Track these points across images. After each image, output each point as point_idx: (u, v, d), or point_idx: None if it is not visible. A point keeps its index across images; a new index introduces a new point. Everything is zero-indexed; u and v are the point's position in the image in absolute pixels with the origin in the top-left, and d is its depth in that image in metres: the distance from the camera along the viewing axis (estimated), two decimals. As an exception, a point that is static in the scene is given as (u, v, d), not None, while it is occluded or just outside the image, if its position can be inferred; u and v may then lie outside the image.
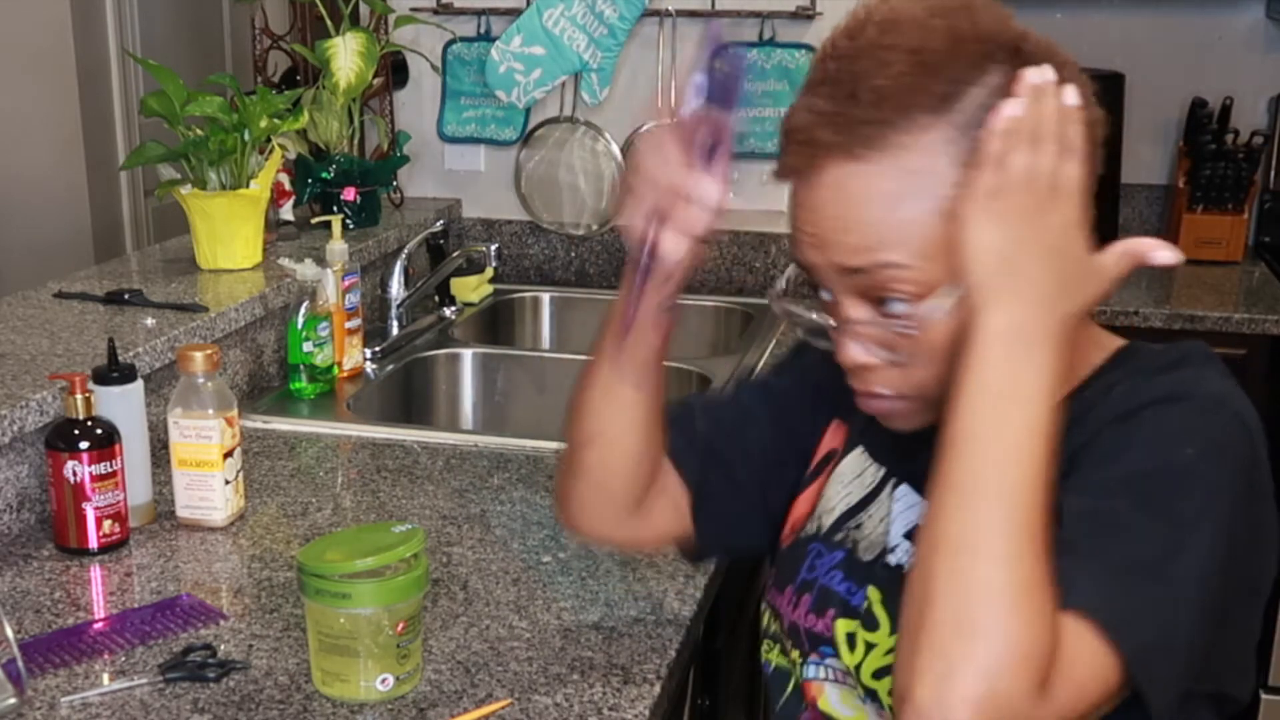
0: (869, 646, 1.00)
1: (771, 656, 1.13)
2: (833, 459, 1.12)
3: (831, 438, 1.13)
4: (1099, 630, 0.82)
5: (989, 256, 0.85)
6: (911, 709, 0.80)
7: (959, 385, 0.85)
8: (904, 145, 0.87)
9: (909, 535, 1.02)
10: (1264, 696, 2.55)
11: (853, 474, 1.09)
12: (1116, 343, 1.00)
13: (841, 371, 1.02)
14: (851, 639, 1.02)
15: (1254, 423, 0.91)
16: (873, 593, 1.01)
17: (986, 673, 0.78)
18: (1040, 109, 0.86)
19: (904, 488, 1.04)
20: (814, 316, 0.97)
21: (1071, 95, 0.87)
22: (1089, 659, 0.81)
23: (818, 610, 1.05)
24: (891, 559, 1.02)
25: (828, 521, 1.08)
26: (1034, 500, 0.82)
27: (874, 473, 1.07)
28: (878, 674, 0.99)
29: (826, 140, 0.89)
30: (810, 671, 1.06)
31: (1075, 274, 0.86)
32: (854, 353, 0.94)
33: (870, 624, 1.01)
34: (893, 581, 1.00)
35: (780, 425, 1.16)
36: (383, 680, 1.14)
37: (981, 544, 0.81)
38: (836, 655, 1.04)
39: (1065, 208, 0.86)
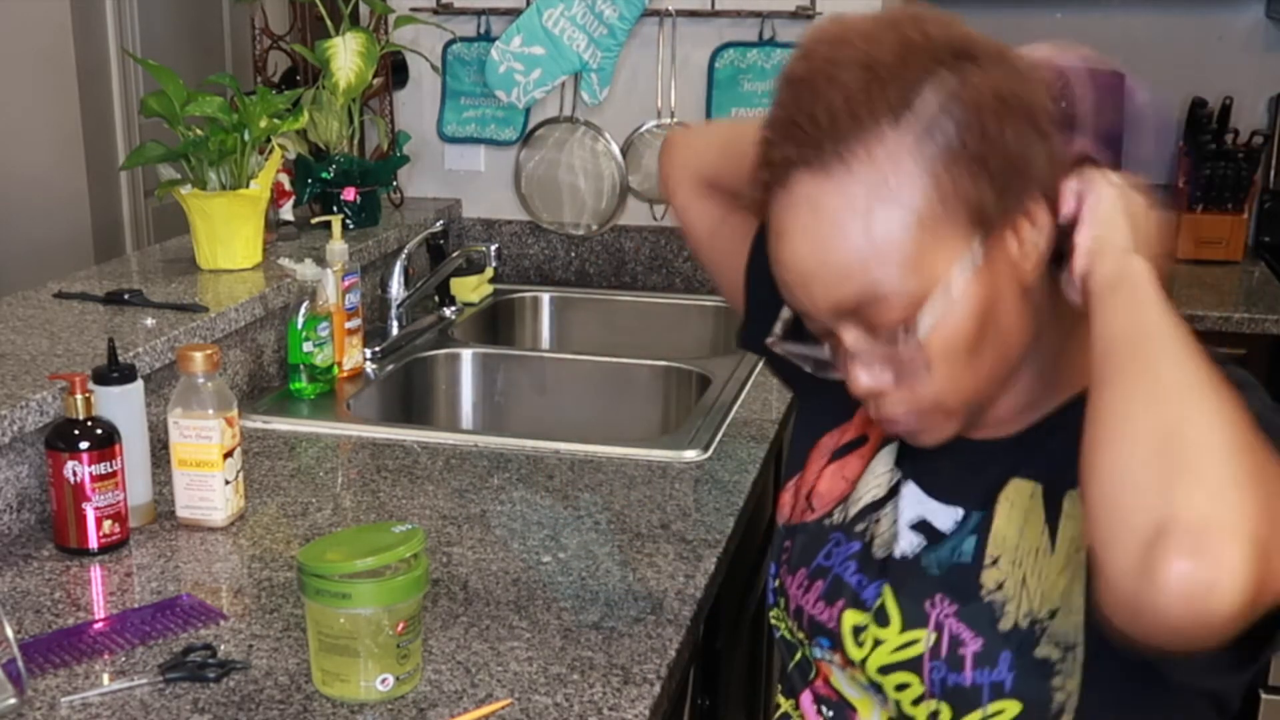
0: (876, 642, 1.00)
1: (780, 626, 1.14)
2: (859, 445, 1.11)
3: (863, 422, 1.12)
4: None
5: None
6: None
7: (1100, 350, 0.84)
8: (869, 157, 0.87)
9: (915, 527, 1.02)
10: (1264, 696, 2.55)
11: (883, 469, 1.09)
12: None
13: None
14: (858, 632, 1.02)
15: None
16: (886, 589, 1.02)
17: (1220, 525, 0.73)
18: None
19: (912, 485, 1.05)
20: (817, 353, 0.98)
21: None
22: None
23: (828, 599, 1.05)
24: (897, 551, 1.02)
25: (852, 511, 1.09)
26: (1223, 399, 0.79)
27: (890, 476, 1.08)
28: (884, 669, 1.00)
29: (793, 156, 0.89)
30: (817, 653, 1.07)
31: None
32: (864, 381, 0.94)
33: (881, 620, 1.01)
34: (903, 575, 1.01)
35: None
36: (383, 680, 1.14)
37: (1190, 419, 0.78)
38: (835, 648, 1.04)
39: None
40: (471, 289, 2.60)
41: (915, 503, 1.04)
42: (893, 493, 1.07)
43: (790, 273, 0.93)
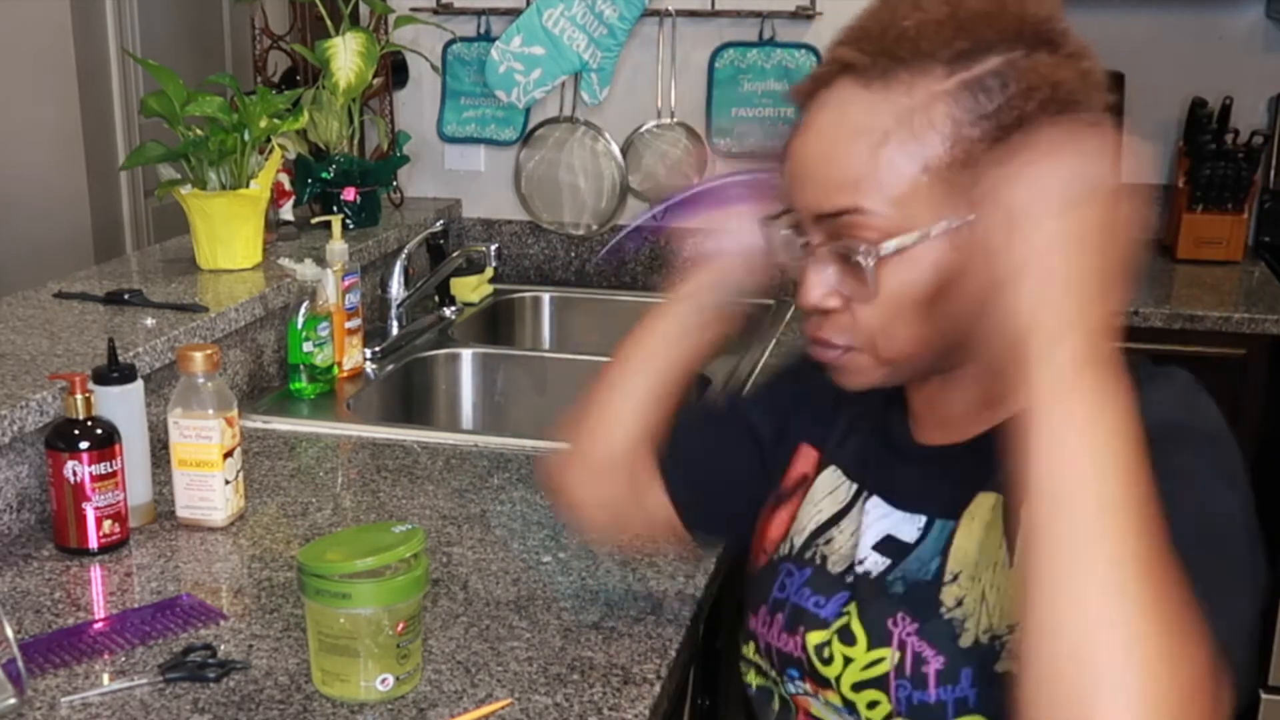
0: (846, 660, 1.00)
1: (750, 679, 1.13)
2: (805, 483, 1.12)
3: (803, 462, 1.13)
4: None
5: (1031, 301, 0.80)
6: None
7: (1031, 434, 0.78)
8: (910, 86, 0.89)
9: (877, 547, 1.02)
10: (1264, 696, 2.55)
11: (825, 491, 1.09)
12: None
13: (809, 397, 1.05)
14: (821, 650, 1.01)
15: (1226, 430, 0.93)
16: (850, 607, 1.01)
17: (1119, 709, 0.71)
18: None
19: (875, 499, 1.04)
20: (783, 239, 1.00)
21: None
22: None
23: (789, 628, 1.05)
24: (860, 569, 1.02)
25: (799, 541, 1.09)
26: (1142, 526, 0.75)
27: (847, 489, 1.08)
28: (856, 686, 0.99)
29: (847, 59, 0.92)
30: (790, 688, 1.06)
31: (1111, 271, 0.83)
32: (815, 293, 0.95)
33: (847, 638, 1.00)
34: (866, 591, 1.00)
35: (750, 438, 1.19)
36: (383, 680, 1.14)
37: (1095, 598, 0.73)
38: (804, 676, 1.03)
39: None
40: (471, 289, 2.60)
41: (879, 517, 1.03)
42: (848, 507, 1.06)
43: (795, 165, 0.95)
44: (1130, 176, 0.88)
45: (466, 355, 2.36)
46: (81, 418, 1.43)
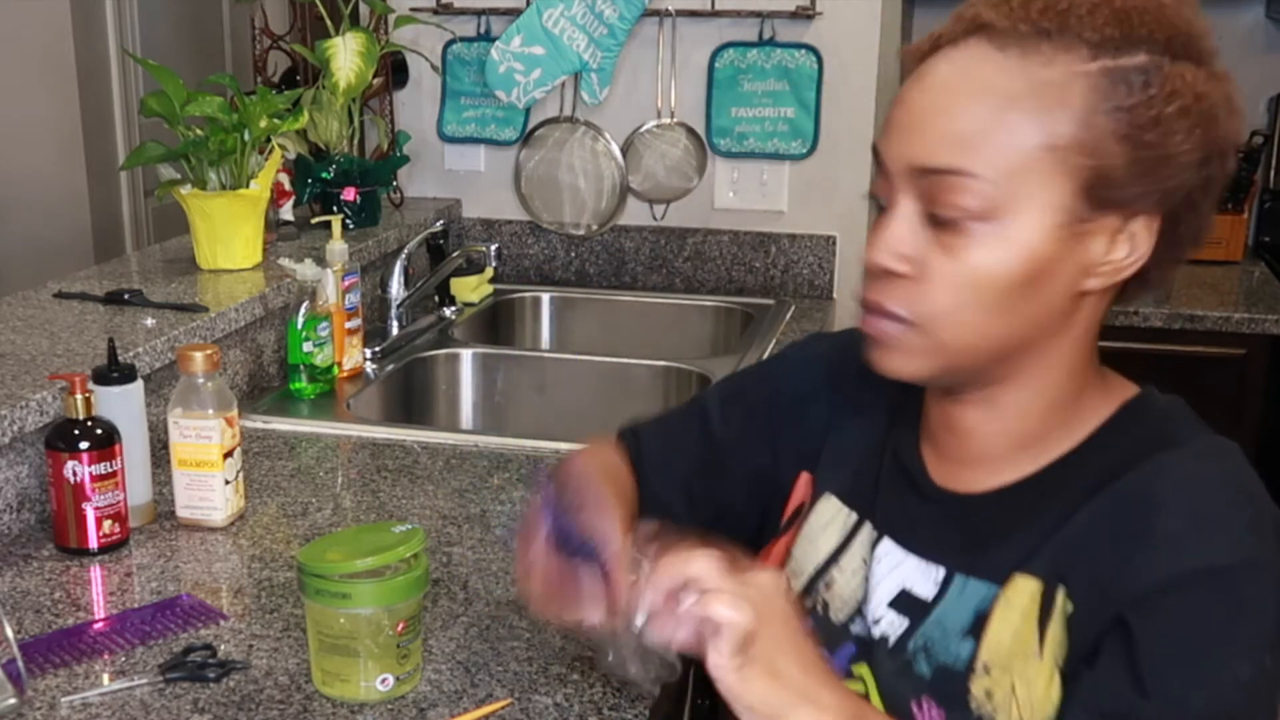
0: None
1: None
2: (800, 514, 1.08)
3: (801, 491, 1.09)
4: None
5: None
6: None
7: None
8: (1050, 60, 0.85)
9: (894, 604, 0.97)
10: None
11: (822, 524, 1.05)
12: (1125, 391, 0.96)
13: (806, 418, 1.01)
14: None
15: (1269, 506, 0.88)
16: (861, 670, 0.98)
17: None
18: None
19: (886, 544, 0.99)
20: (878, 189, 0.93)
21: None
22: None
23: None
24: (876, 630, 0.98)
25: (797, 585, 1.04)
26: None
27: (845, 518, 1.03)
28: None
29: (985, 19, 0.87)
30: None
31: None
32: (884, 254, 0.88)
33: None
34: (884, 658, 0.97)
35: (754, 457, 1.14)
36: (383, 680, 1.14)
37: None
38: None
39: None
40: (471, 289, 2.60)
41: (892, 567, 0.98)
42: (848, 539, 1.02)
43: (904, 114, 0.89)
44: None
45: (466, 355, 2.36)
46: (81, 418, 1.43)
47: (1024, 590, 0.90)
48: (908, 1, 2.93)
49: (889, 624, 0.97)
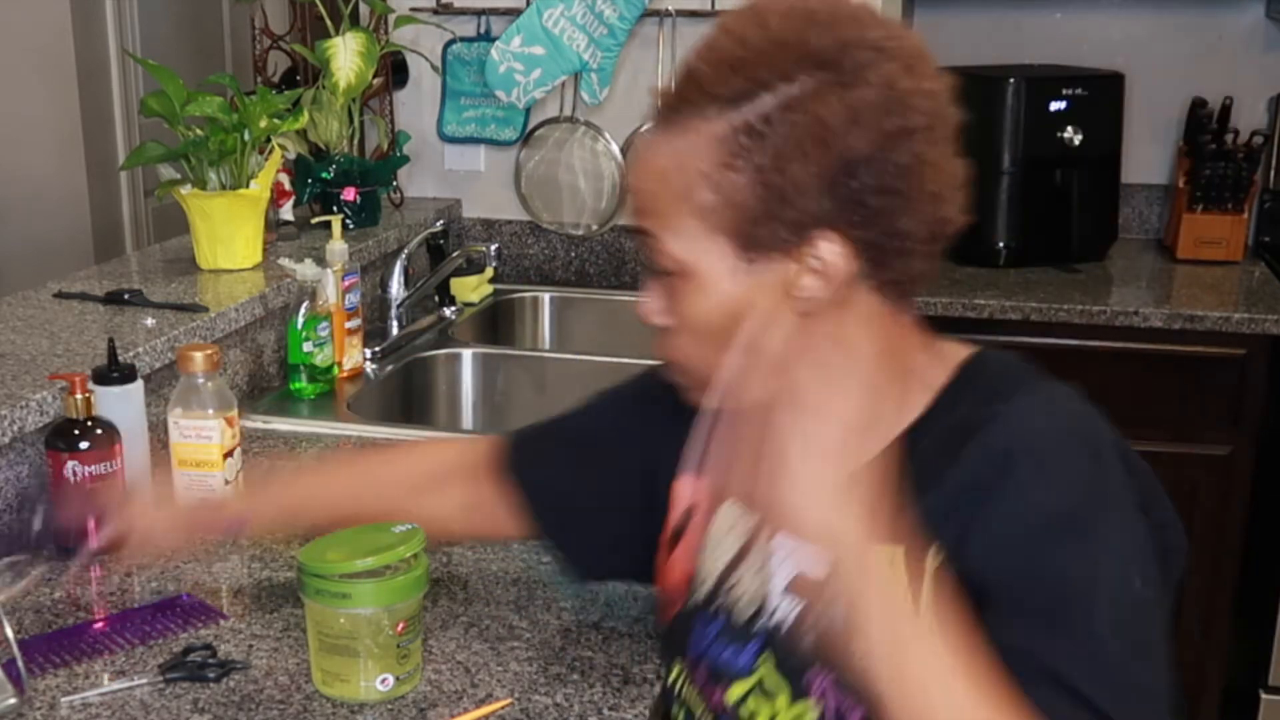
0: (771, 716, 0.99)
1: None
2: (693, 514, 1.10)
3: (685, 496, 1.11)
4: None
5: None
6: None
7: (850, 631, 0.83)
8: (687, 129, 0.92)
9: (790, 588, 0.99)
10: (1264, 696, 2.55)
11: (726, 527, 1.07)
12: (959, 355, 0.99)
13: (686, 422, 1.02)
14: (742, 705, 1.00)
15: (1108, 436, 0.92)
16: (765, 659, 0.99)
17: None
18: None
19: (780, 536, 1.00)
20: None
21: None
22: None
23: (712, 682, 1.04)
24: (775, 618, 1.00)
25: (703, 591, 1.07)
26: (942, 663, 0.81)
27: (746, 521, 1.05)
28: None
29: (662, 103, 0.96)
30: None
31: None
32: (644, 307, 1.01)
33: (766, 692, 0.99)
34: (781, 641, 0.99)
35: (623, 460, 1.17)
36: (383, 680, 1.14)
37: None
38: None
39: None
40: (471, 289, 2.60)
41: (788, 554, 0.99)
42: (750, 542, 1.03)
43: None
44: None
45: (466, 355, 2.36)
46: (81, 418, 1.43)
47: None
48: (908, 1, 2.93)
49: (784, 610, 1.00)
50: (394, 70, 2.75)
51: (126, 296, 1.89)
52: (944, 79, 0.94)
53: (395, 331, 2.31)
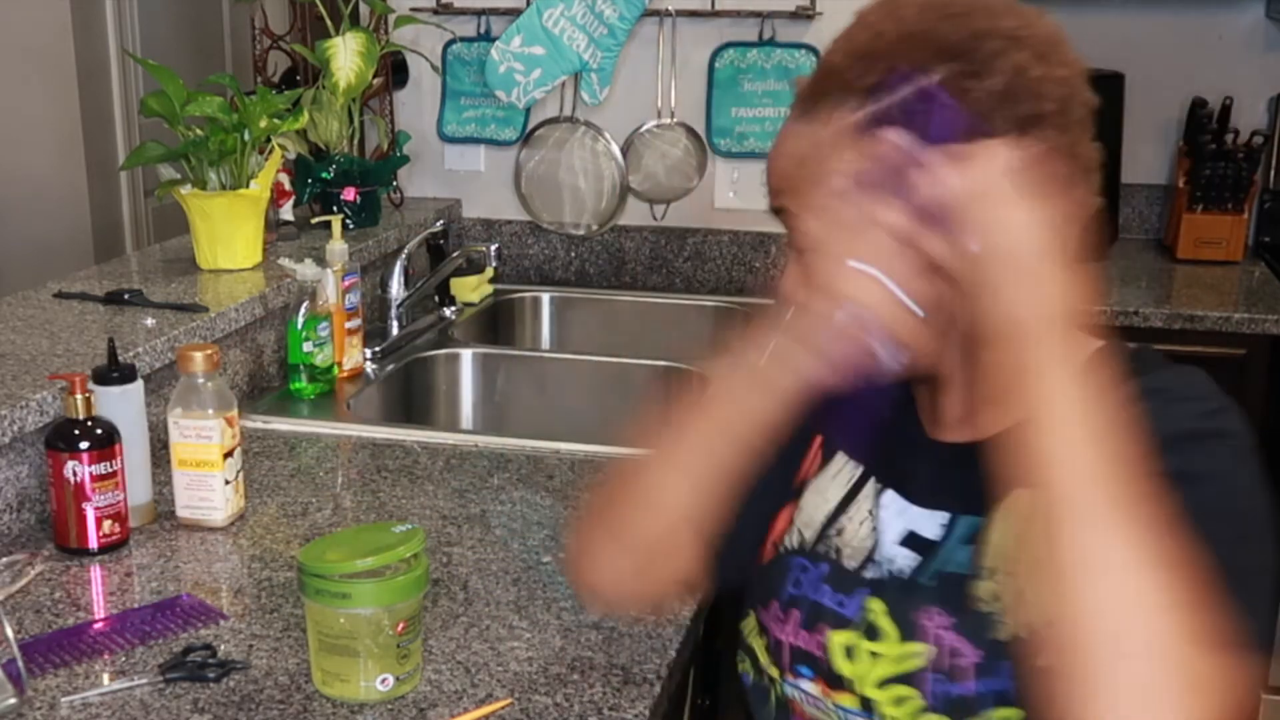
0: (874, 656, 0.99)
1: (746, 668, 1.12)
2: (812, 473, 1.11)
3: (815, 454, 1.12)
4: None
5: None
6: None
7: (1032, 436, 0.82)
8: (826, 120, 0.94)
9: (905, 544, 1.01)
10: (1264, 697, 2.55)
11: (830, 475, 1.08)
12: (1093, 344, 1.00)
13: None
14: (850, 651, 1.01)
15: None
16: (874, 603, 1.00)
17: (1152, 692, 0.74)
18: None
19: (890, 493, 1.03)
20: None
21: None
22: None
23: (808, 626, 1.04)
24: (890, 569, 1.01)
25: (809, 534, 1.07)
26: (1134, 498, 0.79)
27: (851, 470, 1.07)
28: (884, 683, 0.98)
29: (801, 94, 0.98)
30: (788, 690, 1.05)
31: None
32: (783, 284, 0.99)
33: (874, 634, 0.99)
34: (894, 590, 1.00)
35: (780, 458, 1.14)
36: (383, 680, 1.14)
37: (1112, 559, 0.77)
38: (818, 676, 1.02)
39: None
40: (471, 289, 2.60)
41: (897, 513, 1.02)
42: (855, 490, 1.05)
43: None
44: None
45: (466, 355, 2.36)
46: (81, 418, 1.43)
47: (1021, 499, 0.92)
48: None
49: (903, 560, 1.01)
50: (394, 70, 2.75)
51: (126, 296, 1.89)
52: (1078, 65, 0.96)
53: (395, 331, 2.31)
